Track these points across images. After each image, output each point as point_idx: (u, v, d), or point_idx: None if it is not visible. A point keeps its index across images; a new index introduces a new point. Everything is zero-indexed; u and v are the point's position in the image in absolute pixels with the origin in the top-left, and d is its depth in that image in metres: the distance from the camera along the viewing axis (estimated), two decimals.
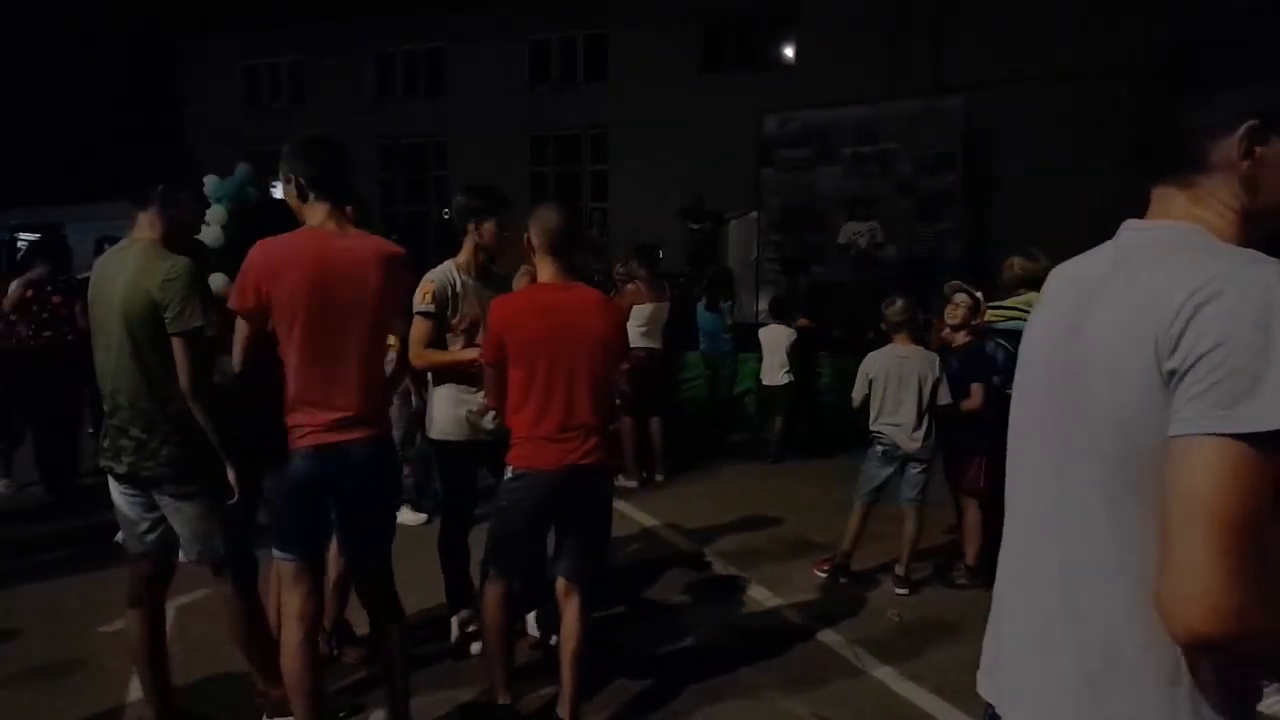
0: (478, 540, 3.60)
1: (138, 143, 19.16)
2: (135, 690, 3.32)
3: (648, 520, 5.66)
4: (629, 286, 6.40)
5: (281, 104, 18.68)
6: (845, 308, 10.68)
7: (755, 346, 7.68)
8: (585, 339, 2.87)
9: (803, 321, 7.74)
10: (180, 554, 2.86)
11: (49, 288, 5.91)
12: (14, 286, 5.79)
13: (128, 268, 2.65)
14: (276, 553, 2.65)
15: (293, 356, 2.54)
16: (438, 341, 3.49)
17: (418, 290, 3.46)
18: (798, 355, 7.47)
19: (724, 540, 5.32)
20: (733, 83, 15.02)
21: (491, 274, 3.69)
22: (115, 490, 2.82)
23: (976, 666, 3.53)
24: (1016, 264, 4.75)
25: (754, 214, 13.55)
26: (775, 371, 7.44)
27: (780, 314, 7.60)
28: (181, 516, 2.74)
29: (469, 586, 3.77)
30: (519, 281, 6.48)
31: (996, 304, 4.79)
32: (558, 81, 16.84)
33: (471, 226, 3.58)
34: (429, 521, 5.50)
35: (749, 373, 8.27)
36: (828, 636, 3.99)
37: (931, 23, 13.63)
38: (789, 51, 15.39)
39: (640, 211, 14.30)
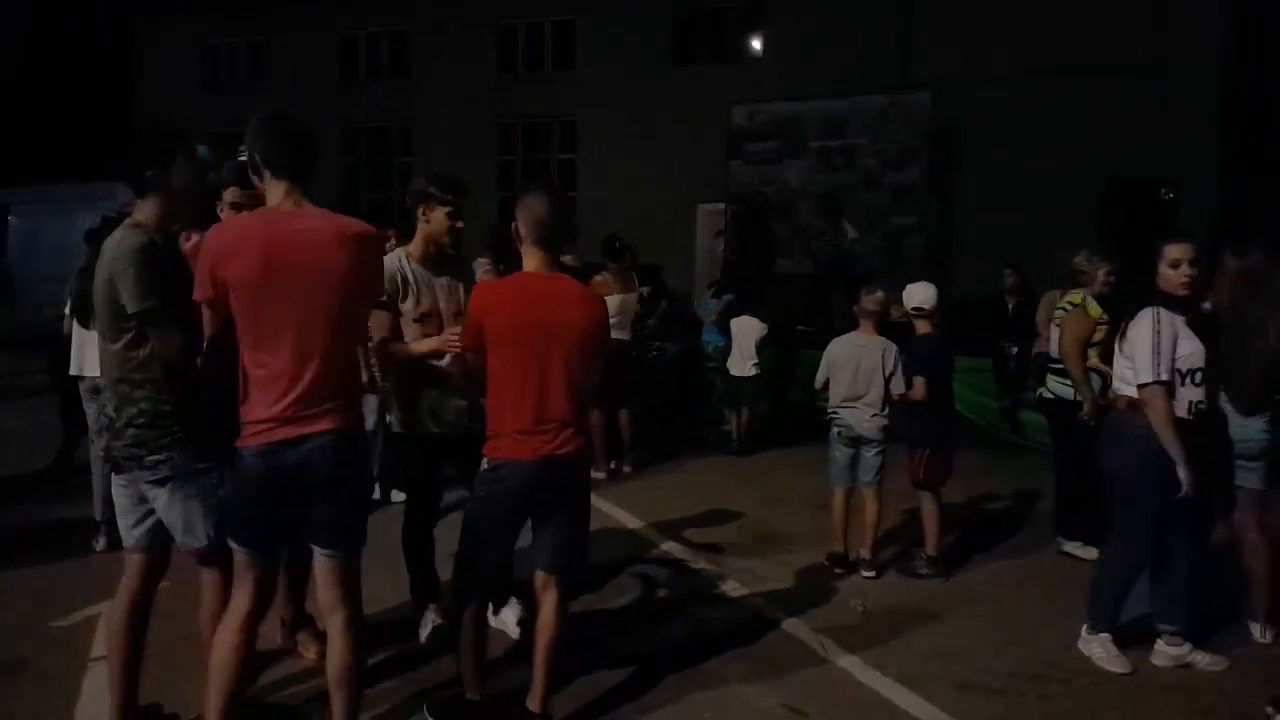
0: (444, 533, 3.57)
1: (91, 124, 18.69)
2: (89, 687, 3.25)
3: (615, 512, 5.66)
4: (597, 278, 6.37)
5: (240, 86, 18.29)
6: (810, 301, 10.80)
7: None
8: (566, 331, 2.83)
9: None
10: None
11: None
12: None
13: (106, 251, 2.68)
14: (230, 541, 2.57)
15: (247, 344, 2.43)
16: (396, 331, 3.41)
17: None
18: (767, 348, 7.50)
19: (692, 531, 5.33)
20: (702, 74, 15.01)
21: (445, 262, 3.58)
22: (112, 480, 2.83)
23: (938, 655, 3.60)
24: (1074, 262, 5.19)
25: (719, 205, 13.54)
26: (744, 363, 7.53)
27: (750, 306, 7.64)
28: (160, 502, 2.70)
29: (434, 581, 3.72)
30: (478, 273, 6.47)
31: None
32: (526, 69, 16.70)
33: (420, 212, 3.49)
34: None
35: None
36: (794, 626, 4.02)
37: (899, 17, 13.71)
38: (758, 44, 15.39)
39: (609, 202, 14.26)
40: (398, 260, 3.46)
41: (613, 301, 6.33)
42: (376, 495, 5.67)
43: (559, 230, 2.91)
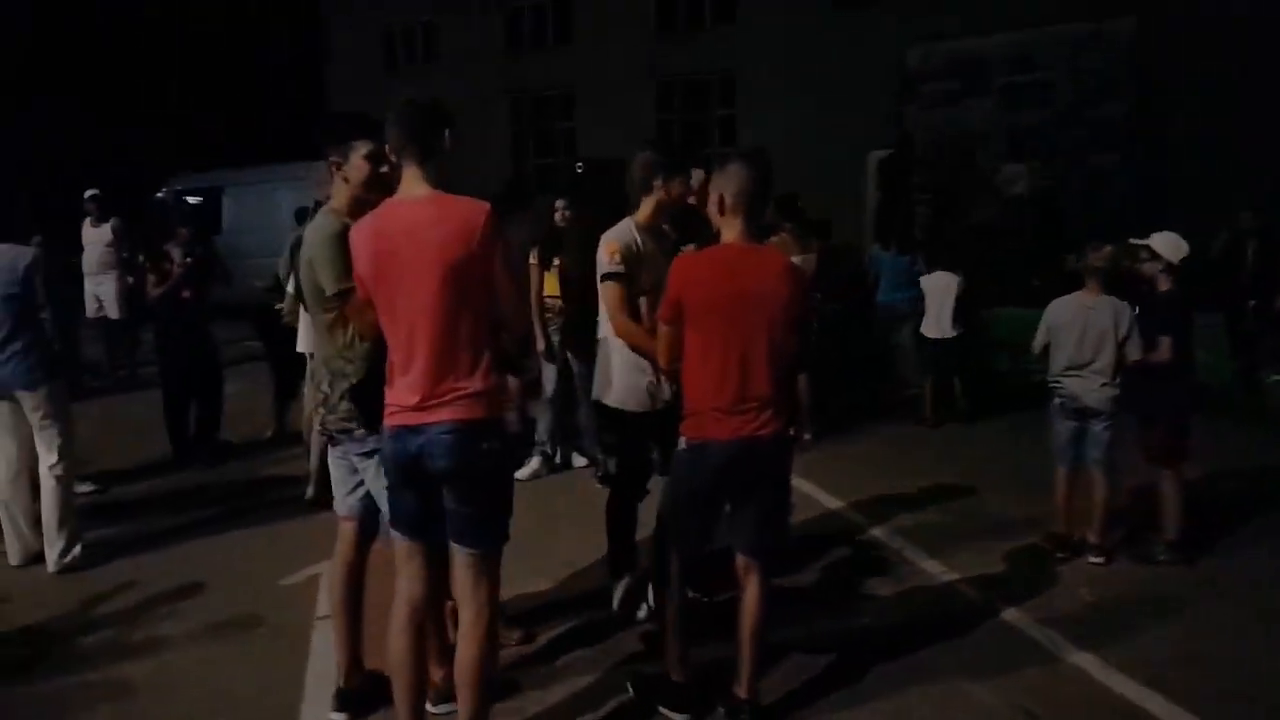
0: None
1: (290, 108, 20.08)
2: (317, 643, 3.43)
3: (803, 485, 5.38)
4: (773, 239, 6.08)
5: (416, 65, 19.00)
6: (1002, 254, 10.01)
7: None
8: (770, 304, 2.68)
9: None
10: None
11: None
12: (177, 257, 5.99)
13: (308, 236, 2.78)
14: (390, 524, 2.58)
15: (385, 332, 2.45)
16: (631, 304, 3.31)
17: (602, 250, 3.31)
18: (966, 305, 6.90)
19: (890, 509, 5.01)
20: (868, 16, 14.18)
21: (664, 235, 3.50)
22: (329, 451, 2.95)
23: (1188, 655, 3.13)
24: None
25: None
26: (943, 324, 6.88)
27: (944, 260, 7.04)
28: (369, 474, 2.76)
29: (633, 555, 3.66)
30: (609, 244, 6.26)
31: None
32: (685, 25, 16.36)
33: (659, 183, 3.38)
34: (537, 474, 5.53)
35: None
36: (1014, 616, 3.68)
37: None
38: None
39: (776, 158, 13.78)
40: (630, 231, 3.38)
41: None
42: (558, 459, 5.74)
43: (763, 198, 2.78)
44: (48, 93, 19.27)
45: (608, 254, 3.29)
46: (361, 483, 2.84)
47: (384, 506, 2.70)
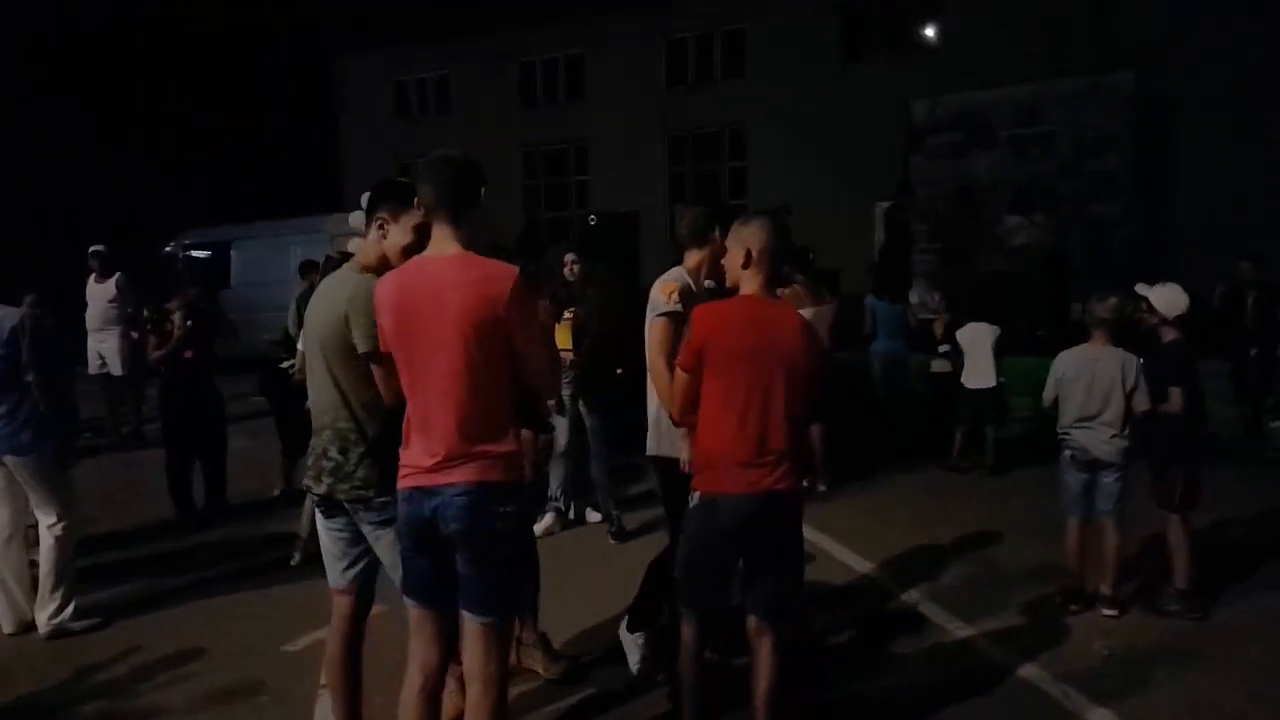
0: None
1: (299, 159, 20.39)
2: (320, 713, 3.33)
3: (816, 536, 5.35)
4: (786, 291, 6.13)
5: (429, 116, 19.37)
6: (1009, 302, 10.03)
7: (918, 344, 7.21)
8: (788, 358, 2.72)
9: None
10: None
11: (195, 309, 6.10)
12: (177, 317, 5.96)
13: (333, 290, 2.74)
14: (402, 591, 2.53)
15: (404, 391, 2.44)
16: (675, 345, 3.27)
17: (658, 290, 3.30)
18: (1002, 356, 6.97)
19: (899, 559, 4.99)
20: (876, 70, 14.48)
21: (702, 288, 3.51)
22: (320, 523, 2.84)
23: (1201, 708, 3.08)
24: None
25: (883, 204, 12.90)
26: (985, 374, 6.92)
27: (980, 312, 7.13)
28: (383, 543, 2.68)
29: (657, 612, 3.61)
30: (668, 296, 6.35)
31: None
32: (695, 80, 16.69)
33: (715, 235, 3.38)
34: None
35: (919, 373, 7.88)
36: (1031, 672, 3.63)
37: None
38: (934, 34, 14.66)
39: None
40: (684, 276, 3.41)
41: (805, 314, 6.09)
42: (571, 515, 5.73)
43: (783, 254, 2.86)
44: (51, 127, 19.49)
45: (665, 293, 3.27)
46: (361, 555, 2.76)
47: (395, 576, 2.66)
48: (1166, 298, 4.12)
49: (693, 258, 3.45)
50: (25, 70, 19.57)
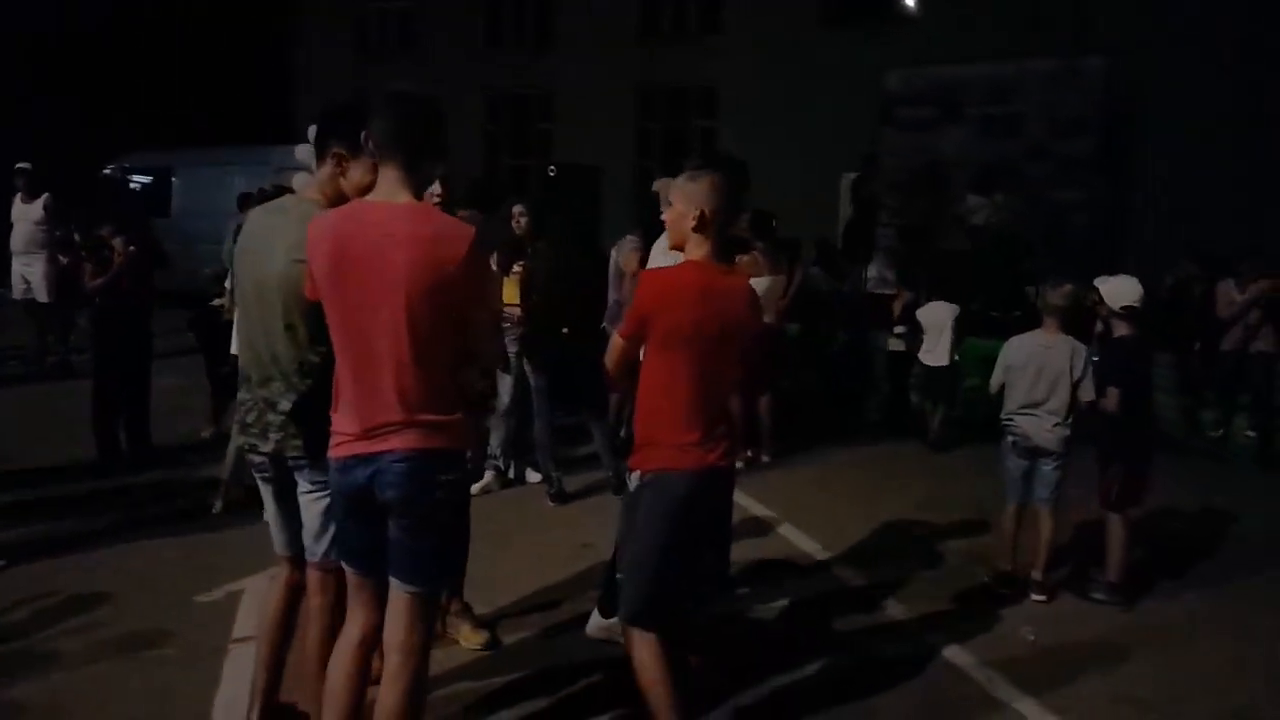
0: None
1: (249, 89, 19.60)
2: (229, 669, 3.23)
3: (756, 508, 5.31)
4: (745, 258, 6.00)
5: (390, 52, 18.72)
6: (967, 282, 10.04)
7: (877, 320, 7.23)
8: (739, 334, 2.57)
9: None
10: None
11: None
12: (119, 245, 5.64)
13: (289, 226, 2.42)
14: (340, 556, 2.39)
15: (335, 347, 2.24)
16: None
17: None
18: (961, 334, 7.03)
19: (835, 536, 4.95)
20: (853, 37, 14.23)
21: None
22: (264, 490, 2.65)
23: (1123, 700, 3.08)
24: None
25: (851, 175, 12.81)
26: (941, 352, 6.95)
27: (941, 289, 7.20)
28: (314, 508, 2.49)
29: None
30: (623, 253, 6.17)
31: None
32: (670, 33, 16.32)
33: None
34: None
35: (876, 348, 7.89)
36: (958, 656, 3.62)
37: None
38: (912, 3, 14.46)
39: (750, 171, 13.77)
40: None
41: (760, 283, 5.97)
42: (511, 474, 5.61)
43: (736, 214, 2.68)
44: None
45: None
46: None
47: (314, 541, 2.51)
48: (1115, 289, 4.07)
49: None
50: None
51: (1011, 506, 4.28)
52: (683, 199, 2.60)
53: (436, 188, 3.12)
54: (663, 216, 2.67)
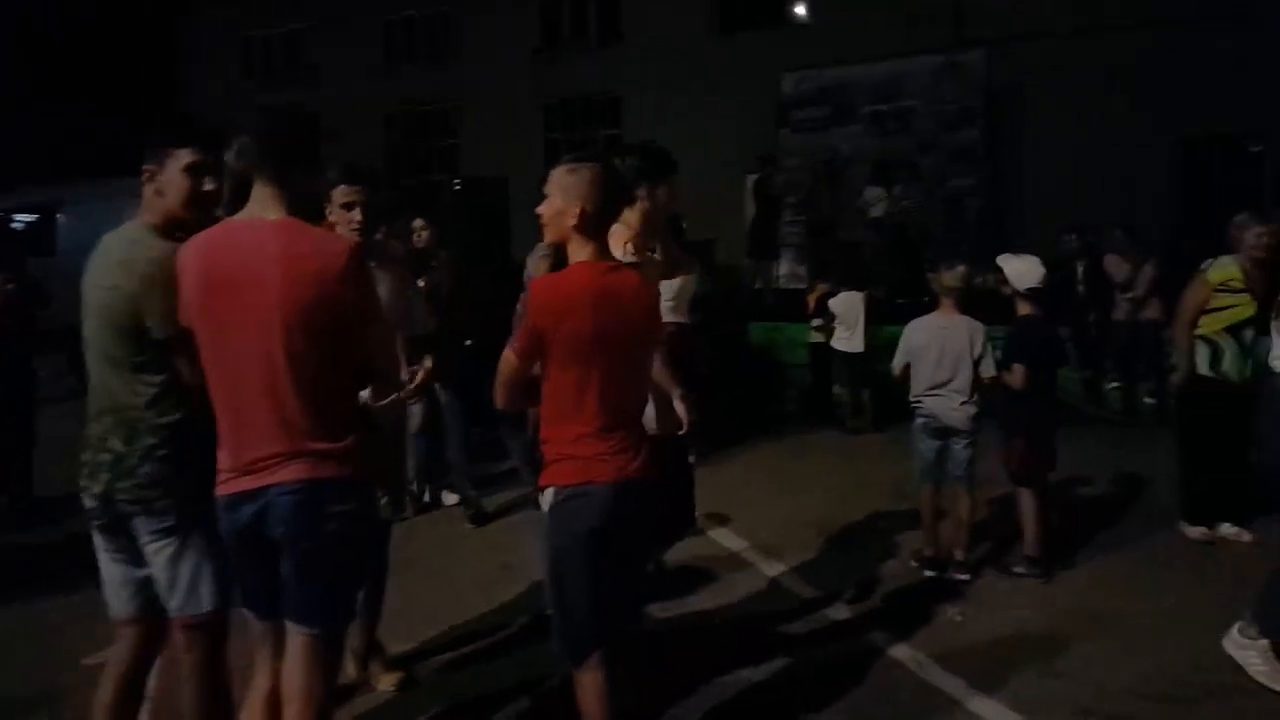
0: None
1: (134, 118, 18.71)
2: None
3: None
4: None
5: (279, 74, 18.18)
6: (869, 272, 10.26)
7: (793, 314, 7.37)
8: (638, 333, 2.41)
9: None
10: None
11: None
12: None
13: (116, 254, 2.28)
14: (243, 606, 2.23)
15: (210, 379, 2.09)
16: None
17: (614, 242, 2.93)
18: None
19: (762, 529, 4.96)
20: (749, 42, 14.48)
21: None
22: (97, 542, 2.41)
23: (1051, 673, 3.09)
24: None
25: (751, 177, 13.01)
26: (856, 339, 7.23)
27: (851, 280, 7.44)
28: (162, 556, 2.29)
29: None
30: (537, 264, 6.06)
31: None
32: (570, 45, 16.30)
33: (643, 192, 3.10)
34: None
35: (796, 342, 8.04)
36: (885, 641, 3.64)
37: None
38: (802, 9, 14.79)
39: None
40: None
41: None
42: (426, 498, 5.44)
43: (620, 209, 2.49)
44: None
45: (621, 244, 2.96)
46: (148, 578, 2.33)
47: (184, 598, 2.30)
48: (1017, 269, 4.17)
49: (632, 220, 3.11)
50: None
51: (928, 488, 4.33)
52: (562, 193, 2.36)
53: (358, 214, 2.94)
54: (537, 210, 2.41)
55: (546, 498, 2.36)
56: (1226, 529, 4.62)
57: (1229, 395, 4.44)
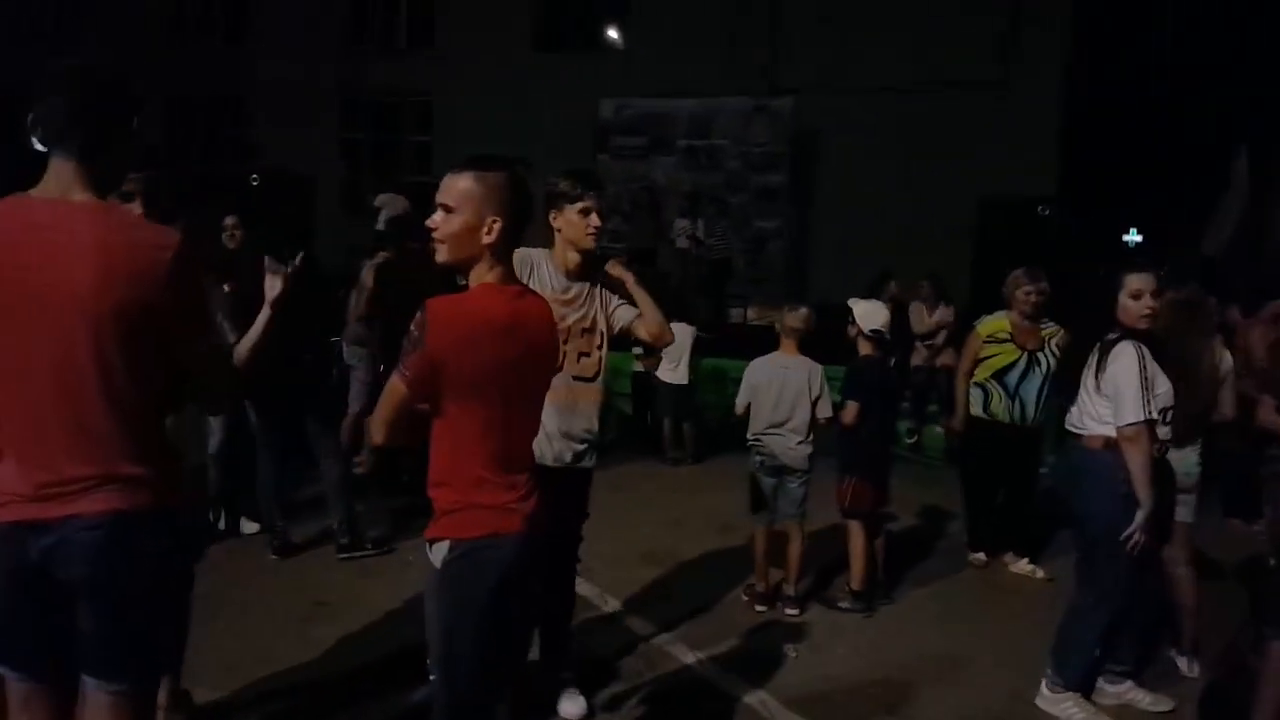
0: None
1: None
2: None
3: None
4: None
5: (45, 39, 16.04)
6: (678, 302, 10.47)
7: (615, 342, 7.25)
8: (546, 367, 2.20)
9: None
10: None
11: None
12: None
13: None
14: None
15: None
16: None
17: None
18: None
19: (593, 558, 4.75)
20: (569, 61, 14.45)
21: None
22: None
23: (884, 708, 3.08)
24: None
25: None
26: (680, 371, 7.19)
27: (678, 311, 7.34)
28: None
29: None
30: (368, 272, 5.53)
31: None
32: (378, 42, 15.56)
33: (593, 202, 3.00)
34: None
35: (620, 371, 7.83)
36: (723, 679, 3.62)
37: (766, 21, 13.62)
38: (619, 36, 15.01)
39: None
40: (540, 259, 3.07)
41: None
42: (222, 525, 4.87)
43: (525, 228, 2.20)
44: None
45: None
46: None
47: None
48: (864, 310, 4.35)
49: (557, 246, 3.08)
50: None
51: (762, 525, 4.37)
52: (471, 206, 2.02)
53: (137, 206, 2.55)
54: (430, 224, 2.06)
55: (439, 551, 2.04)
56: (1010, 559, 5.06)
57: (1000, 433, 4.95)
